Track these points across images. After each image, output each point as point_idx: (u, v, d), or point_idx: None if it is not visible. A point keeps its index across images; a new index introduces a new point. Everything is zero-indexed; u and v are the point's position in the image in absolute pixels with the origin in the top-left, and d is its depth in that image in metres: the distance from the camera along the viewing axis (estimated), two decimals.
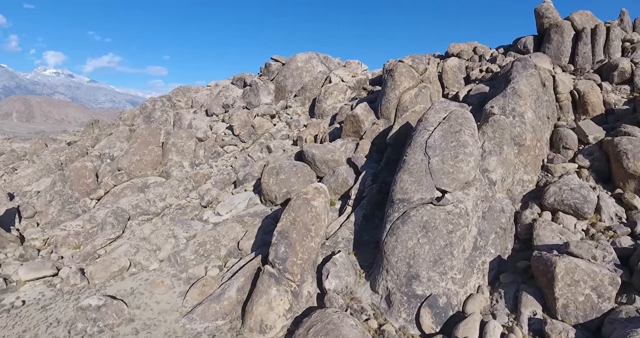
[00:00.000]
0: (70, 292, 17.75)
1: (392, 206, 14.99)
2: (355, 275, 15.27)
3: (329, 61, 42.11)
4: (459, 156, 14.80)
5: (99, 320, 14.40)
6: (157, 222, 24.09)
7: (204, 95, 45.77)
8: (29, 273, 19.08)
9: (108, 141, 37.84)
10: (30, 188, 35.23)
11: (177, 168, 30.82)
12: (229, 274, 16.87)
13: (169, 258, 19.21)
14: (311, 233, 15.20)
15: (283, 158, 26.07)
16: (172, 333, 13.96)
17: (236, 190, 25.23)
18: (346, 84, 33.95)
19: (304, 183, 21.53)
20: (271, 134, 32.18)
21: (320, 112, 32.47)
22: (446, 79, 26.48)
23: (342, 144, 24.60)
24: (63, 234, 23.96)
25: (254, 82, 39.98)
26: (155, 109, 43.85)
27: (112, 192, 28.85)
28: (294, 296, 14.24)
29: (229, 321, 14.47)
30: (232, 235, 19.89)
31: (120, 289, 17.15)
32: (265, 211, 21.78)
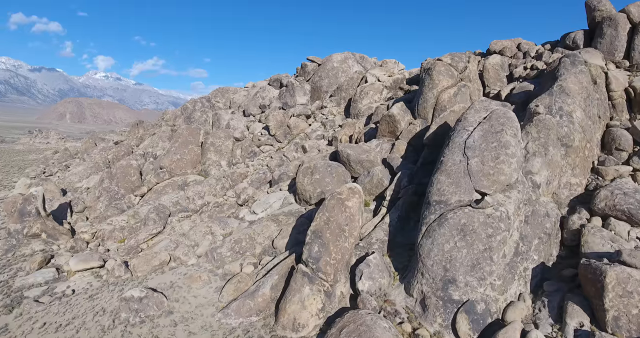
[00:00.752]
0: (115, 283, 18.74)
1: (428, 208, 14.64)
2: (389, 277, 15.05)
3: (365, 61, 41.82)
4: (500, 157, 14.21)
5: (141, 311, 15.08)
6: (196, 219, 24.92)
7: (242, 96, 46.89)
8: (78, 264, 20.34)
9: (151, 141, 39.63)
10: (81, 185, 37.57)
11: (215, 167, 31.75)
12: (263, 272, 17.14)
13: (206, 254, 19.80)
14: (345, 234, 15.14)
15: (318, 158, 26.17)
16: (208, 327, 14.36)
17: (271, 189, 25.62)
18: (382, 83, 33.55)
19: (338, 183, 21.50)
20: (306, 134, 32.39)
21: (356, 112, 32.30)
22: (487, 77, 25.52)
23: (378, 144, 24.33)
24: (109, 228, 25.33)
25: (290, 83, 40.44)
26: (196, 109, 45.43)
27: (154, 190, 30.18)
28: (327, 296, 14.24)
29: (262, 318, 14.70)
30: (266, 233, 20.20)
31: (161, 282, 17.87)
32: (300, 210, 21.95)
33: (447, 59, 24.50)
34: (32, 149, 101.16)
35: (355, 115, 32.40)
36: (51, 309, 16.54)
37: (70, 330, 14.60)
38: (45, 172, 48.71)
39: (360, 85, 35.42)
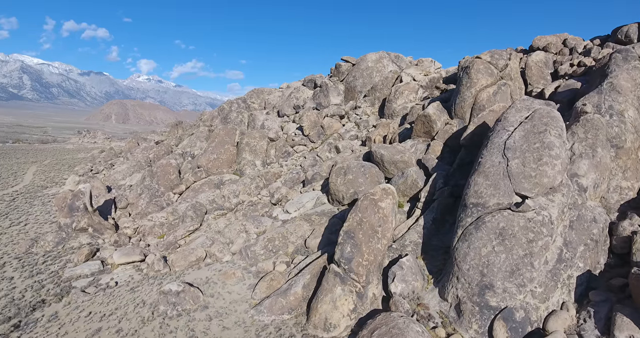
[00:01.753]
0: (155, 276, 19.54)
1: (464, 210, 14.20)
2: (422, 280, 14.74)
3: (400, 60, 41.22)
4: (542, 158, 13.55)
5: (178, 305, 15.63)
6: (231, 217, 25.52)
7: (276, 96, 47.54)
8: (121, 257, 21.39)
9: (189, 140, 41.00)
10: (125, 182, 39.46)
11: (250, 166, 32.38)
12: (296, 270, 17.28)
13: (241, 251, 20.22)
14: (378, 235, 14.98)
15: (351, 158, 26.07)
16: (241, 323, 14.66)
17: (304, 189, 25.79)
18: (418, 83, 32.94)
19: (371, 184, 21.32)
20: (340, 135, 32.36)
21: (390, 112, 31.90)
22: (530, 75, 24.42)
23: (412, 144, 23.90)
24: (150, 224, 26.45)
25: (323, 83, 40.55)
26: (232, 110, 46.54)
27: (192, 188, 31.20)
28: (359, 297, 14.15)
29: (294, 316, 14.81)
30: (299, 232, 20.35)
31: (197, 278, 18.44)
32: (332, 210, 21.95)
33: (486, 57, 23.68)
34: (81, 148, 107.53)
35: (389, 116, 32.01)
36: (96, 299, 17.49)
37: (113, 320, 15.37)
38: (92, 170, 51.61)
39: (395, 84, 34.96)
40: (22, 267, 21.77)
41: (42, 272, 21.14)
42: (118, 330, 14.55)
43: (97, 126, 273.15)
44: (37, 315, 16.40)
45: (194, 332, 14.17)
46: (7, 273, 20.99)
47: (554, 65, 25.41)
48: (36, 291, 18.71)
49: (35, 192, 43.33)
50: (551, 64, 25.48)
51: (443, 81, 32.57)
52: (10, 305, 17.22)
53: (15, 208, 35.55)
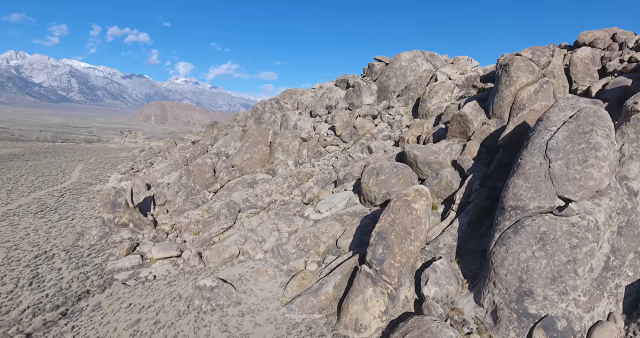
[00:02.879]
0: (190, 272, 20.16)
1: (502, 213, 13.69)
2: (457, 284, 14.34)
3: (435, 59, 40.34)
4: (588, 160, 12.84)
5: (212, 300, 16.04)
6: (263, 216, 25.90)
7: (309, 97, 47.80)
8: (159, 252, 22.23)
9: (224, 140, 42.00)
10: (163, 180, 40.98)
11: (283, 166, 32.73)
12: (327, 270, 17.29)
13: (273, 250, 20.48)
14: (410, 237, 14.72)
15: (384, 159, 25.79)
16: (273, 320, 14.84)
17: (336, 189, 25.77)
18: (453, 81, 32.10)
19: (404, 185, 20.99)
20: (372, 135, 32.10)
21: (424, 112, 31.28)
22: (575, 72, 23.20)
23: (447, 145, 23.33)
24: (186, 221, 27.32)
25: (356, 83, 40.36)
26: (265, 110, 47.26)
27: (226, 186, 31.94)
28: (390, 299, 13.96)
29: (325, 316, 14.83)
30: (331, 232, 20.36)
31: (230, 274, 18.85)
32: (364, 211, 21.80)
33: (527, 54, 22.72)
34: (122, 147, 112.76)
35: (423, 115, 31.40)
36: (136, 291, 18.28)
37: (151, 312, 15.99)
38: (133, 168, 53.99)
39: (429, 84, 34.26)
40: (69, 259, 23.11)
41: (87, 264, 22.35)
42: (156, 322, 15.13)
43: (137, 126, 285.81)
44: (82, 305, 17.35)
45: (227, 327, 14.49)
46: (56, 264, 22.36)
47: (601, 61, 24.01)
48: (81, 282, 19.81)
49: (82, 189, 45.88)
50: (598, 61, 24.09)
51: (480, 80, 31.57)
52: (59, 294, 18.32)
53: (64, 204, 37.79)
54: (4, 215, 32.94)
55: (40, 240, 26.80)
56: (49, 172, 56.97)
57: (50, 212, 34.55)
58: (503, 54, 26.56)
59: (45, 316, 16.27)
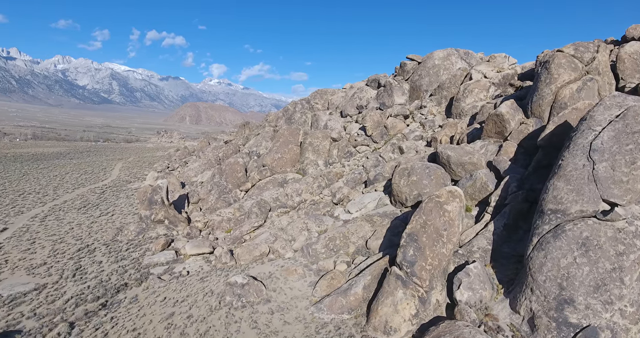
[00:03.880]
0: (222, 268, 20.61)
1: (541, 217, 13.10)
2: (491, 289, 13.86)
3: (470, 57, 39.23)
4: (637, 162, 12.05)
5: (243, 297, 16.31)
6: (293, 215, 26.09)
7: (339, 97, 47.73)
8: (193, 249, 22.87)
9: (256, 140, 42.67)
10: (197, 179, 42.15)
11: (313, 166, 32.85)
12: (356, 271, 17.18)
13: (302, 249, 20.59)
14: (443, 239, 14.37)
15: (415, 159, 25.35)
16: (302, 319, 14.91)
17: (366, 190, 25.58)
18: (489, 80, 31.10)
19: (436, 186, 20.54)
20: (404, 135, 31.63)
21: (458, 111, 30.48)
22: (622, 68, 21.87)
23: (482, 145, 22.61)
24: (218, 219, 27.95)
25: (387, 83, 39.90)
26: (296, 111, 47.61)
27: (257, 185, 32.43)
28: (421, 302, 13.68)
29: (354, 316, 14.73)
30: (360, 233, 20.22)
31: (260, 272, 19.11)
32: (395, 212, 21.50)
33: (569, 50, 21.65)
34: (159, 146, 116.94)
35: (457, 115, 30.61)
36: (170, 286, 18.89)
37: (185, 306, 16.47)
38: (169, 167, 55.89)
39: (463, 82, 33.36)
40: (109, 253, 24.22)
41: (125, 258, 23.34)
42: (189, 316, 15.56)
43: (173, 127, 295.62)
44: (121, 297, 18.12)
45: (257, 324, 14.69)
46: (97, 258, 23.49)
47: None
48: (120, 275, 20.70)
49: (121, 186, 47.98)
50: None
51: (518, 78, 30.40)
52: (99, 286, 19.23)
53: (104, 200, 39.66)
54: (51, 210, 34.97)
55: (83, 234, 28.25)
56: (91, 170, 59.97)
57: (92, 207, 36.35)
58: (543, 51, 25.42)
59: (87, 306, 17.12)
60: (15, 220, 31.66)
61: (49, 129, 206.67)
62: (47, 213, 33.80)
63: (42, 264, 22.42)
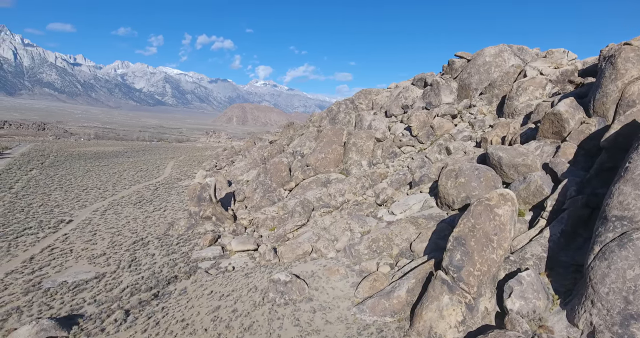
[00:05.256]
0: (266, 265, 21.03)
1: (604, 224, 12.11)
2: (546, 299, 13.01)
3: (525, 53, 37.18)
4: None
5: (285, 294, 16.53)
6: (336, 215, 26.07)
7: (384, 97, 47.10)
8: (238, 245, 23.53)
9: (300, 140, 43.15)
10: (242, 178, 43.37)
11: (356, 166, 32.65)
12: (400, 274, 16.83)
13: (345, 249, 20.51)
14: (493, 244, 13.70)
15: (463, 160, 24.42)
16: (343, 319, 14.84)
17: (411, 191, 25.02)
18: (546, 77, 29.27)
19: (486, 188, 19.65)
20: (451, 135, 30.59)
21: (511, 110, 28.98)
22: None
23: (538, 146, 21.33)
24: (263, 217, 28.55)
25: (434, 82, 38.79)
26: (340, 111, 47.58)
27: (300, 185, 32.77)
28: (469, 309, 13.13)
29: (397, 320, 14.44)
30: (404, 235, 19.80)
31: (303, 270, 19.27)
32: (441, 215, 20.84)
33: (638, 43, 19.85)
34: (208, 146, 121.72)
35: (509, 114, 29.11)
36: (217, 280, 19.55)
37: (230, 301, 16.97)
38: (216, 166, 57.98)
39: (517, 80, 31.67)
40: (161, 246, 25.54)
41: (175, 251, 24.50)
42: (234, 310, 16.01)
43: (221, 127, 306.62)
44: (171, 288, 19.03)
45: (299, 322, 14.81)
46: (150, 250, 24.86)
47: None
48: (171, 268, 21.75)
49: (173, 183, 50.47)
50: None
51: (579, 74, 28.37)
52: (152, 278, 20.32)
53: (157, 197, 41.90)
54: (110, 205, 37.50)
55: (138, 228, 30.03)
56: (146, 168, 63.63)
57: (146, 203, 38.54)
58: (608, 45, 23.53)
59: (141, 296, 18.15)
60: (79, 213, 34.29)
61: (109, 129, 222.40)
62: (107, 208, 36.30)
63: (101, 254, 24.09)
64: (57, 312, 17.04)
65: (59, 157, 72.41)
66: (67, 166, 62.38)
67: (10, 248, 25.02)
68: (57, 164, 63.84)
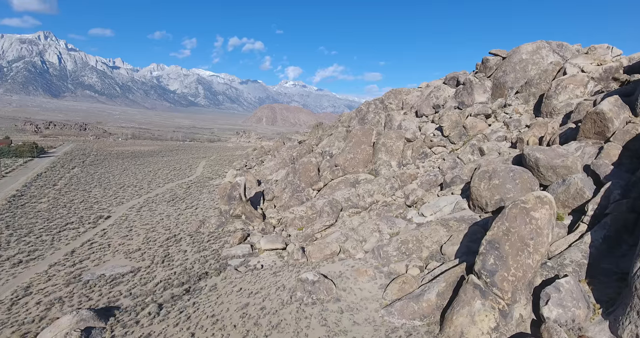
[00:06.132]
0: (294, 264, 21.14)
1: None
2: (586, 308, 12.34)
3: (564, 49, 35.53)
4: None
5: (313, 293, 16.54)
6: (365, 216, 25.87)
7: (415, 96, 46.32)
8: (267, 244, 23.79)
9: (328, 140, 43.14)
10: (272, 177, 43.84)
11: (386, 167, 32.27)
12: (429, 276, 16.47)
13: (373, 250, 20.30)
14: (528, 249, 13.15)
15: (498, 161, 23.62)
16: (371, 321, 14.68)
17: (442, 193, 24.45)
18: (587, 74, 27.85)
19: (522, 191, 18.90)
20: (485, 135, 29.66)
21: (549, 109, 27.76)
22: None
23: (578, 147, 20.31)
24: (291, 216, 28.73)
25: (467, 81, 37.76)
26: (369, 111, 47.20)
27: (329, 185, 32.74)
28: (502, 315, 12.66)
29: (426, 323, 14.13)
30: (435, 237, 19.37)
31: (331, 270, 19.23)
32: (473, 217, 20.24)
33: None
34: (238, 146, 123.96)
35: (547, 114, 27.90)
36: (245, 278, 19.84)
37: (259, 298, 17.17)
38: (246, 165, 58.91)
39: (556, 78, 30.31)
40: (193, 243, 26.22)
41: (206, 248, 25.07)
42: (262, 308, 16.19)
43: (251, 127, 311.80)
44: (202, 284, 19.49)
45: (326, 322, 14.78)
46: (182, 247, 25.57)
47: None
48: (202, 264, 22.28)
49: (204, 182, 51.74)
50: None
51: (624, 71, 26.80)
52: (184, 273, 20.89)
53: (190, 195, 43.07)
54: (145, 202, 38.90)
55: (171, 224, 30.98)
56: (179, 166, 65.59)
57: (179, 201, 39.71)
58: None
59: (173, 291, 18.69)
60: (116, 210, 35.77)
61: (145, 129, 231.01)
62: (142, 205, 37.68)
63: (137, 250, 25.02)
64: (95, 303, 17.84)
65: (98, 156, 75.89)
66: (106, 164, 65.25)
67: (54, 241, 26.44)
68: (96, 163, 66.91)
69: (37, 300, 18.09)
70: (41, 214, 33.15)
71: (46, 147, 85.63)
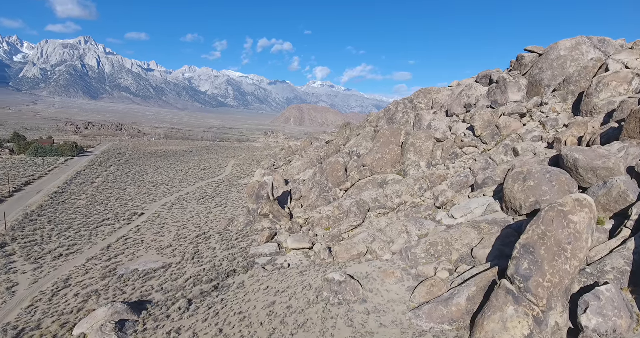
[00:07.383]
0: (320, 264, 21.14)
1: None
2: (629, 318, 11.65)
3: (607, 45, 33.76)
4: None
5: (339, 294, 16.46)
6: (393, 217, 25.54)
7: (445, 95, 45.35)
8: (294, 243, 23.93)
9: (356, 140, 42.89)
10: (299, 177, 44.07)
11: (414, 167, 31.74)
12: (459, 280, 16.04)
13: (401, 252, 19.98)
14: (566, 254, 12.55)
15: (533, 162, 22.71)
16: (398, 324, 14.44)
17: (473, 194, 23.77)
18: (632, 70, 26.31)
19: (559, 193, 18.08)
20: (519, 135, 28.59)
21: (590, 108, 26.44)
22: None
23: (621, 148, 19.21)
24: (318, 216, 28.77)
25: (501, 79, 36.56)
26: (398, 111, 46.62)
27: (356, 185, 32.55)
28: (537, 323, 12.14)
29: (455, 328, 13.76)
30: (465, 240, 18.84)
31: (357, 271, 19.08)
32: (506, 220, 19.53)
33: None
34: (266, 146, 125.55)
35: (588, 113, 26.57)
36: (272, 276, 20.02)
37: (285, 297, 17.28)
38: (274, 165, 59.55)
39: (597, 75, 28.83)
40: (222, 241, 26.73)
41: (234, 246, 25.50)
42: (289, 307, 16.27)
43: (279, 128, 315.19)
44: (230, 282, 19.82)
45: (353, 323, 14.67)
46: (211, 244, 26.12)
47: None
48: (230, 262, 22.67)
49: (233, 181, 52.69)
50: None
51: None
52: (213, 270, 21.33)
53: (219, 193, 43.97)
54: (177, 200, 40.04)
55: (201, 222, 31.74)
56: (209, 166, 67.14)
57: (209, 199, 40.63)
58: None
59: (202, 287, 19.12)
60: (150, 207, 37.02)
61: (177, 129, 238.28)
62: (174, 203, 38.82)
63: (168, 246, 25.78)
64: (129, 297, 18.51)
65: (133, 155, 78.88)
66: (140, 163, 67.71)
67: (92, 236, 27.67)
68: (131, 162, 69.56)
69: (75, 292, 18.98)
70: (80, 210, 34.79)
71: (85, 147, 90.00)
